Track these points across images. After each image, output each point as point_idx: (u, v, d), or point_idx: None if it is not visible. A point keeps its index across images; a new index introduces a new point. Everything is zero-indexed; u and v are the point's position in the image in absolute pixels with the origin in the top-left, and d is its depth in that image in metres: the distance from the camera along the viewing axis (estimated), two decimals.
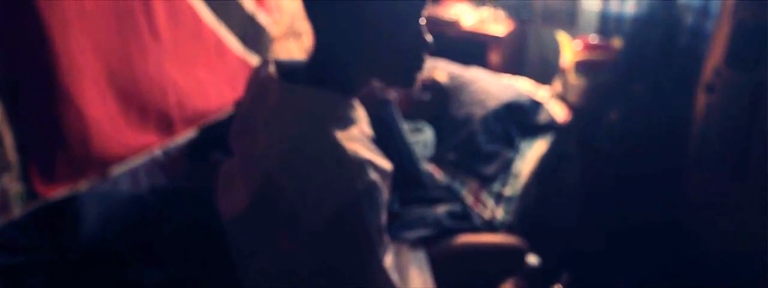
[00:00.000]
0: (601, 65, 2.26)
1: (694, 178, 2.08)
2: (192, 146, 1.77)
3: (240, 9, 2.12)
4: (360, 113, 0.85)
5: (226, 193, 0.91)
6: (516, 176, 1.73)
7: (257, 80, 0.88)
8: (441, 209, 1.48)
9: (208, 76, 2.07)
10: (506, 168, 1.75)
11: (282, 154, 0.76)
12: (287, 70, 0.85)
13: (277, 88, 0.81)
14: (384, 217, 0.79)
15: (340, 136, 0.76)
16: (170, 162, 1.73)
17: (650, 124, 2.35)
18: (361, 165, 0.74)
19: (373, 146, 0.81)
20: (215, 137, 1.69)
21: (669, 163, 2.18)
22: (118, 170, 1.69)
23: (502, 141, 1.84)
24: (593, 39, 2.31)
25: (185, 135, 1.93)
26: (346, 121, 0.80)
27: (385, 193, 0.78)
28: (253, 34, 2.25)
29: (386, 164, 0.80)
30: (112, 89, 1.72)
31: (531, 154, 1.84)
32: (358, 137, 0.79)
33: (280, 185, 0.75)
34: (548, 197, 1.90)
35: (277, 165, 0.76)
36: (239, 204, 0.84)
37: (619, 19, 2.32)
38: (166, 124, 1.91)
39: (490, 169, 1.71)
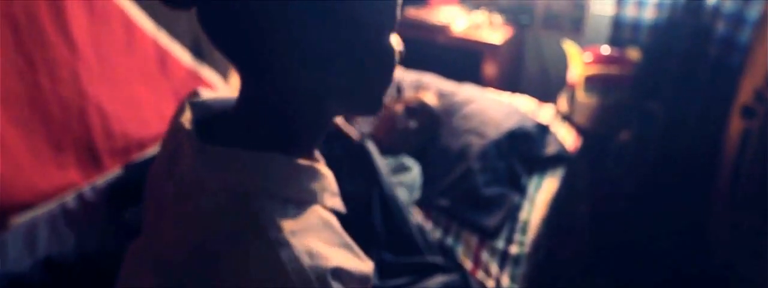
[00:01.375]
0: (616, 81, 1.94)
1: (720, 217, 1.78)
2: (112, 190, 1.40)
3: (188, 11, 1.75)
4: (323, 172, 0.56)
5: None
6: (524, 228, 1.40)
7: (173, 131, 0.58)
8: (435, 282, 1.14)
9: (146, 95, 1.70)
10: (512, 217, 1.41)
11: (190, 260, 0.49)
12: (212, 116, 0.57)
13: (190, 150, 0.53)
14: None
15: (286, 230, 0.48)
16: (83, 211, 1.35)
17: (668, 150, 2.04)
18: (320, 280, 0.46)
19: (342, 233, 0.54)
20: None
21: (690, 198, 1.89)
22: (21, 220, 1.32)
23: (505, 181, 1.50)
24: (605, 50, 1.98)
25: (116, 171, 1.56)
26: (300, 198, 0.52)
27: None
28: (205, 43, 1.87)
29: (364, 265, 0.54)
30: (10, 116, 1.34)
31: (540, 197, 1.51)
32: (316, 224, 0.52)
33: None
34: (559, 244, 1.58)
35: (183, 275, 0.49)
36: None
37: (636, 27, 1.99)
38: (89, 158, 1.54)
39: (492, 221, 1.37)
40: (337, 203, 0.56)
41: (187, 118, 0.55)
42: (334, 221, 0.55)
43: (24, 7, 1.29)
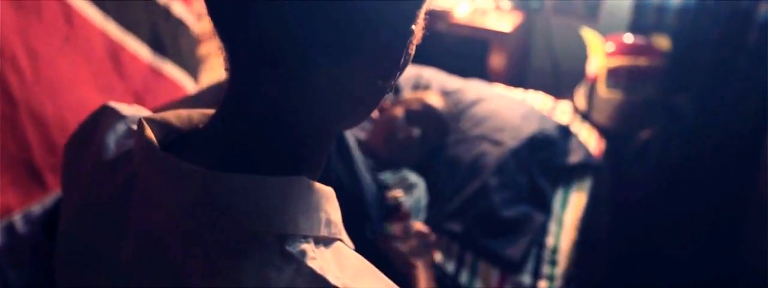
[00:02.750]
0: (642, 73, 1.70)
1: (759, 225, 1.57)
2: (51, 218, 1.14)
3: None
4: (324, 194, 0.42)
5: None
6: (553, 258, 1.17)
7: (139, 151, 0.44)
8: None
9: (97, 98, 1.43)
10: (538, 243, 1.18)
11: None
12: (179, 137, 0.44)
13: (159, 175, 0.40)
14: None
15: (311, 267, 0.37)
16: (11, 249, 1.09)
17: (697, 150, 1.82)
18: None
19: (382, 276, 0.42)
20: None
21: (723, 204, 1.67)
22: None
23: (528, 198, 1.26)
24: (629, 38, 1.74)
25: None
26: (330, 233, 0.41)
27: None
28: (167, 34, 1.61)
29: None
30: None
31: (569, 215, 1.28)
32: (361, 268, 0.41)
33: None
34: (589, 271, 1.35)
35: None
36: None
37: (661, 10, 1.74)
38: (28, 178, 1.28)
39: (515, 250, 1.14)
40: (346, 236, 0.45)
41: (146, 138, 0.41)
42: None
43: None
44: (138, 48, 1.52)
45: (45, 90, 1.27)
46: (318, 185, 0.41)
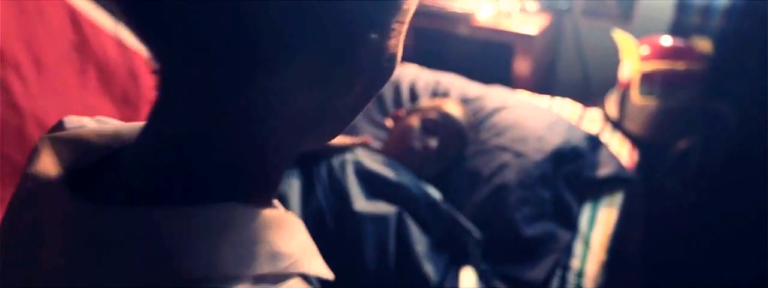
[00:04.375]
0: (680, 78, 1.59)
1: None
2: None
3: None
4: (297, 224, 0.36)
5: None
6: (579, 282, 1.07)
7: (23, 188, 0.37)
8: None
9: (108, 106, 1.40)
10: (563, 265, 1.09)
11: None
12: (96, 160, 0.37)
13: (46, 211, 0.33)
14: None
15: None
16: None
17: (738, 160, 1.69)
18: None
19: None
20: None
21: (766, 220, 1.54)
22: None
23: (552, 215, 1.17)
24: (666, 41, 1.62)
25: None
26: (278, 269, 0.32)
27: None
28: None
29: None
30: None
31: (597, 234, 1.18)
32: None
33: None
34: None
35: None
36: None
37: (707, 11, 1.62)
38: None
39: (538, 273, 1.05)
40: (321, 267, 0.38)
41: (48, 163, 0.35)
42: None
43: None
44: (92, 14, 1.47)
45: (51, 98, 1.24)
46: (265, 212, 0.33)
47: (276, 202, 0.38)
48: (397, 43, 0.33)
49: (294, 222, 0.35)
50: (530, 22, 1.78)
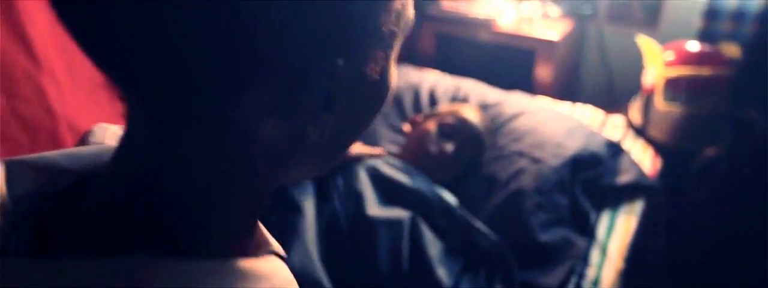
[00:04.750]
0: (706, 84, 1.55)
1: None
2: None
3: None
4: (284, 272, 0.33)
5: None
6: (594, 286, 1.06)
7: None
8: None
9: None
10: (579, 272, 1.08)
11: None
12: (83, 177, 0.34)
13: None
14: None
15: None
16: None
17: (766, 170, 1.64)
18: None
19: None
20: None
21: None
22: None
23: (569, 221, 1.16)
24: (693, 46, 1.59)
25: None
26: None
27: None
28: None
29: None
30: None
31: (614, 242, 1.16)
32: None
33: None
34: None
35: None
36: None
37: (738, 17, 1.59)
38: None
39: (552, 279, 1.05)
40: None
41: None
42: None
43: None
44: None
45: (83, 103, 1.30)
46: (247, 265, 0.30)
47: (263, 231, 0.35)
48: (381, 69, 0.31)
49: (274, 271, 0.31)
50: (552, 28, 1.77)
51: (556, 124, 1.35)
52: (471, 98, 1.48)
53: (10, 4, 1.10)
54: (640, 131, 1.61)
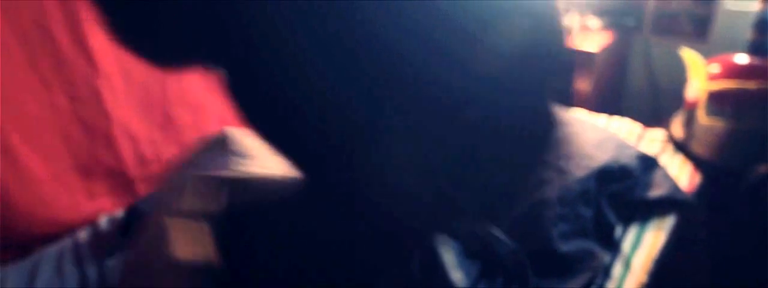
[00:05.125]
0: (753, 99, 1.49)
1: None
2: (127, 218, 1.27)
3: None
4: None
5: None
6: None
7: None
8: None
9: (187, 116, 1.55)
10: (599, 284, 1.07)
11: None
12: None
13: None
14: None
15: None
16: (94, 247, 1.22)
17: None
18: None
19: None
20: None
21: None
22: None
23: (591, 232, 1.15)
24: (741, 58, 1.54)
25: None
26: None
27: None
28: None
29: None
30: (28, 141, 1.25)
31: (639, 257, 1.14)
32: None
33: None
34: None
35: None
36: None
37: None
38: (121, 186, 1.43)
39: None
40: None
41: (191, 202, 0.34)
42: None
43: (33, 18, 1.17)
44: None
45: (134, 107, 1.42)
46: None
47: None
48: None
49: None
50: (591, 40, 1.75)
51: (587, 136, 1.34)
52: None
53: (72, 14, 1.22)
54: (682, 146, 1.56)
